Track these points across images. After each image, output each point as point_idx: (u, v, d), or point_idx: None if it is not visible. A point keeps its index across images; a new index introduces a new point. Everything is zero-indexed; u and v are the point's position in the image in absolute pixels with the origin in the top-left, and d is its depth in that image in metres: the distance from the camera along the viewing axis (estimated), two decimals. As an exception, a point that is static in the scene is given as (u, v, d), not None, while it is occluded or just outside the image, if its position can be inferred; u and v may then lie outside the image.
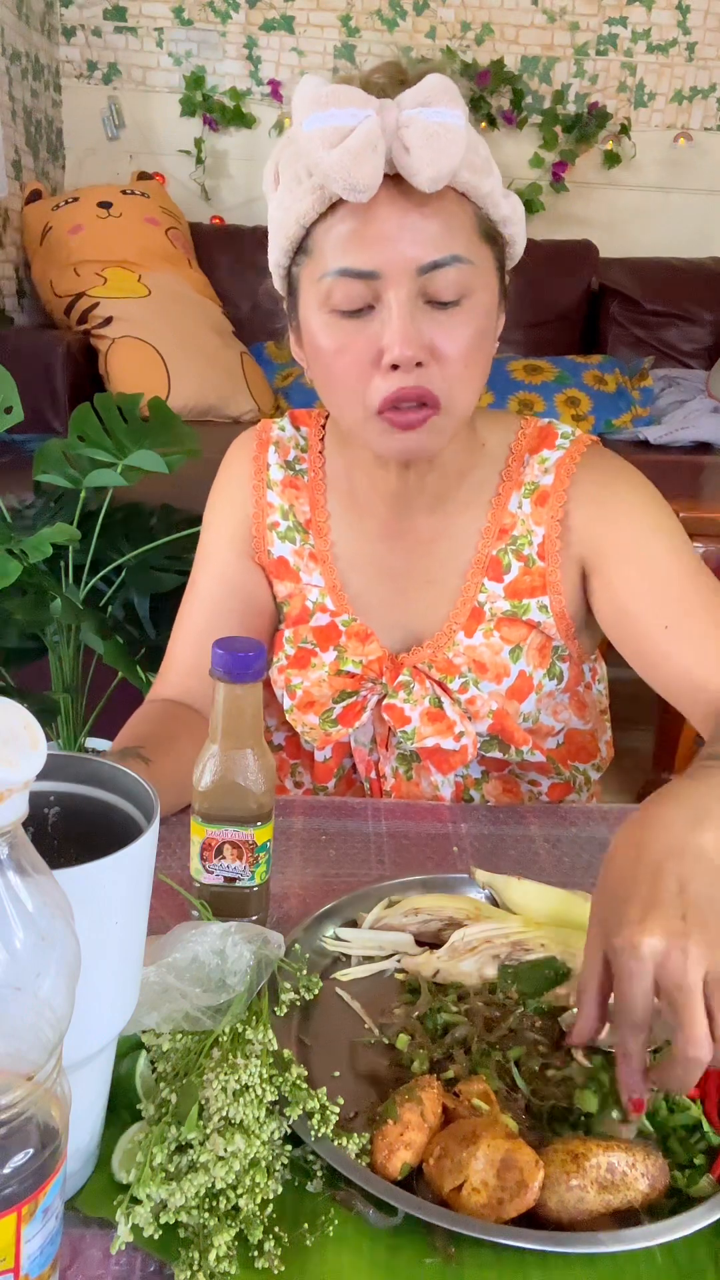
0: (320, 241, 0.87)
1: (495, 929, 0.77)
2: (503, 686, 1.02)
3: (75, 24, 3.58)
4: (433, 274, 0.84)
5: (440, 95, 0.81)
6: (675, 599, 0.96)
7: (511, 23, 3.65)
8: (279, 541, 1.07)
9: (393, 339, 0.84)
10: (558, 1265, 0.54)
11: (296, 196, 0.86)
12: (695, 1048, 0.56)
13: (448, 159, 0.80)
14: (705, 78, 3.76)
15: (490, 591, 1.02)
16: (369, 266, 0.84)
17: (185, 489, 1.96)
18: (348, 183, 0.80)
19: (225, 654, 0.73)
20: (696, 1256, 0.56)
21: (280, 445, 1.09)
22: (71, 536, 1.59)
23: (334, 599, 1.05)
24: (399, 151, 0.80)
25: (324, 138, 0.80)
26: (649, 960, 0.58)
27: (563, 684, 1.05)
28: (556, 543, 1.00)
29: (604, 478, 1.01)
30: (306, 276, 0.89)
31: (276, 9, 3.61)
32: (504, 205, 0.89)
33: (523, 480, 1.02)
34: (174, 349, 2.91)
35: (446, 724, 1.01)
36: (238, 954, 0.68)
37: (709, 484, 2.80)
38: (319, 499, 1.07)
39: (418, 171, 0.80)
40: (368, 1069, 0.67)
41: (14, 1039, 0.40)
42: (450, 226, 0.85)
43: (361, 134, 0.79)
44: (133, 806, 0.59)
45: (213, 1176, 0.55)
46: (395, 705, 1.02)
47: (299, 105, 0.82)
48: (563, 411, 3.14)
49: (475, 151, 0.85)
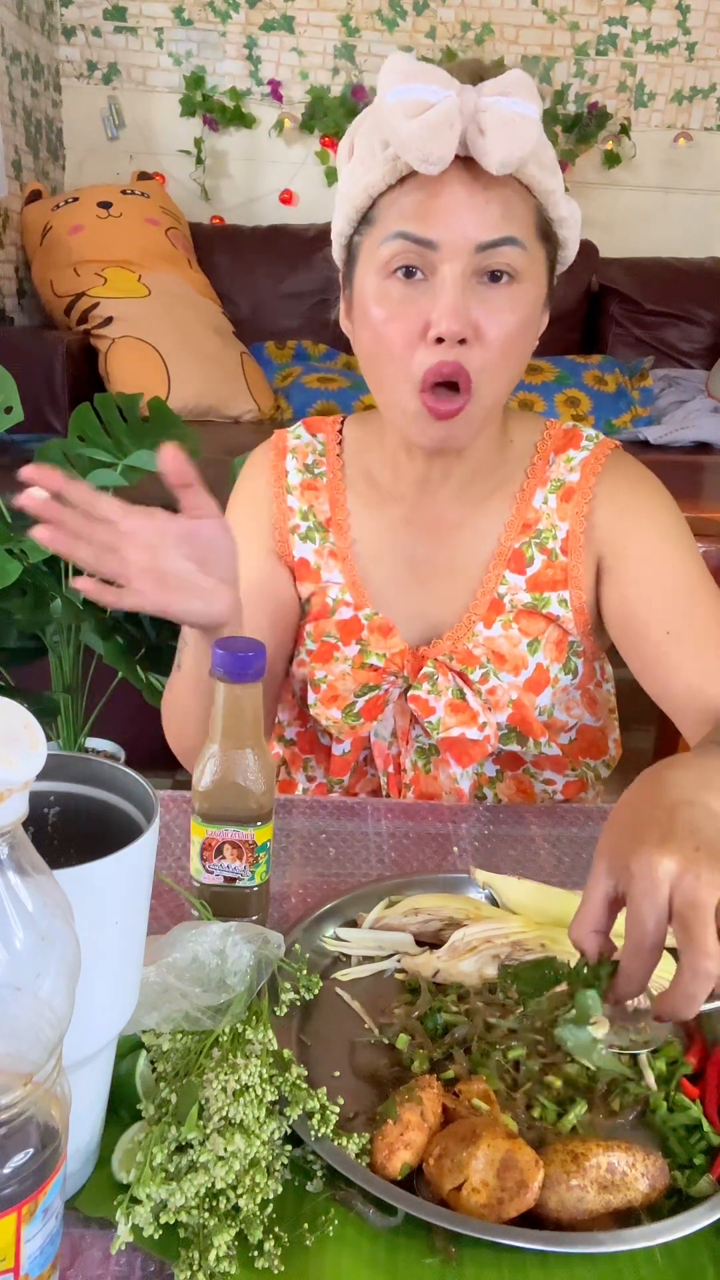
0: (385, 211, 0.89)
1: (495, 929, 0.77)
2: (520, 678, 1.03)
3: (75, 24, 3.58)
4: (489, 252, 0.87)
5: (519, 88, 0.84)
6: (681, 607, 0.97)
7: (511, 23, 3.65)
8: (300, 543, 1.08)
9: (441, 312, 0.87)
10: (558, 1265, 0.54)
11: (369, 167, 0.89)
12: (706, 959, 0.57)
13: (520, 145, 0.83)
14: (705, 78, 3.76)
15: (511, 583, 1.03)
16: (429, 235, 0.87)
17: (185, 489, 1.96)
18: (422, 152, 0.83)
19: (225, 654, 0.73)
20: (696, 1256, 0.56)
21: (297, 451, 1.11)
22: (71, 536, 1.59)
23: (354, 594, 1.07)
24: (474, 134, 0.83)
25: (405, 109, 0.83)
26: (665, 880, 0.60)
27: (576, 680, 1.07)
28: (580, 538, 1.02)
29: (629, 481, 1.04)
30: (367, 245, 0.92)
31: (276, 9, 3.61)
32: (563, 206, 0.92)
33: (548, 477, 1.04)
34: (174, 349, 2.91)
35: (470, 714, 1.02)
36: (238, 954, 0.68)
37: (709, 484, 2.80)
38: (338, 498, 1.09)
39: (489, 152, 0.83)
40: (368, 1069, 0.67)
41: (14, 1039, 0.40)
42: (511, 212, 0.88)
43: (441, 110, 0.82)
44: (133, 806, 0.59)
45: (213, 1176, 0.55)
46: (420, 696, 1.03)
47: (385, 77, 0.85)
48: (563, 412, 3.14)
49: (545, 149, 0.89)
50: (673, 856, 0.60)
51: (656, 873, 0.60)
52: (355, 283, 0.95)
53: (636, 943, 0.60)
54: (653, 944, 0.60)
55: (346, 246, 0.96)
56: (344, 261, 0.98)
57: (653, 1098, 0.65)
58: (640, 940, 0.60)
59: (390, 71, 0.85)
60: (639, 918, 0.60)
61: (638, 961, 0.61)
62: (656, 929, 0.60)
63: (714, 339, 3.58)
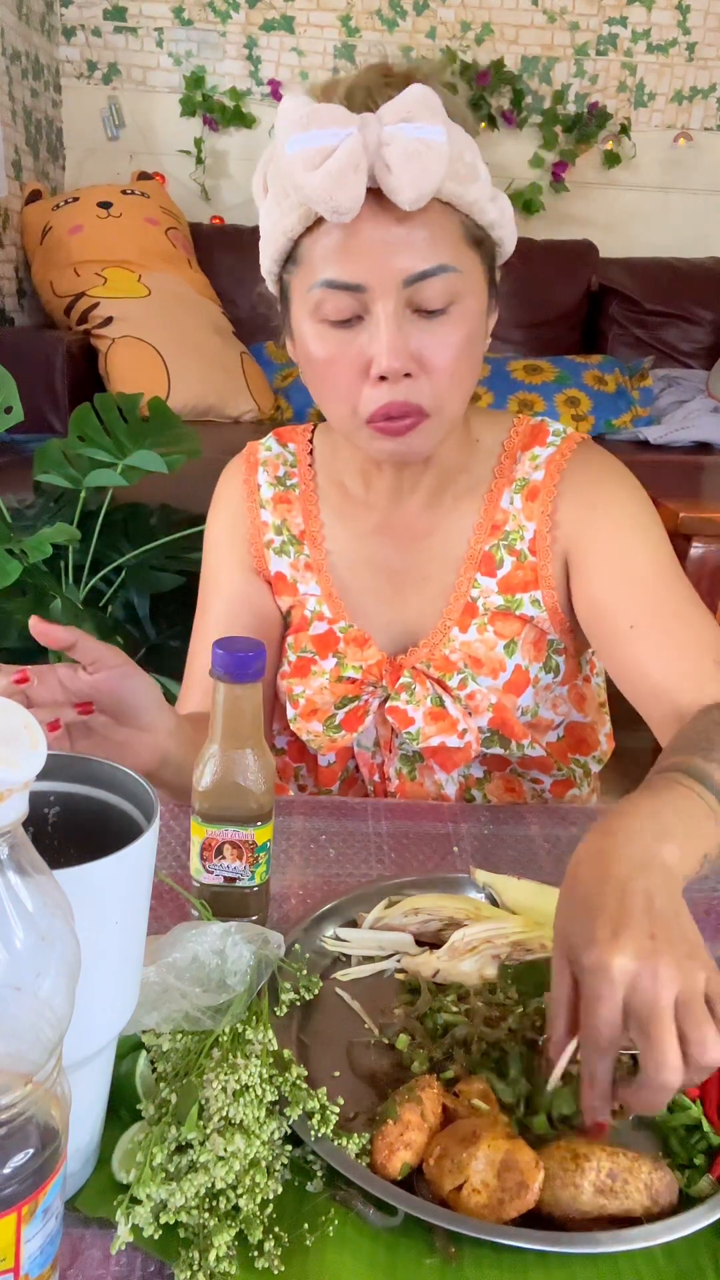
0: (309, 252, 0.87)
1: (495, 929, 0.77)
2: (499, 681, 1.03)
3: (75, 24, 3.58)
4: (419, 285, 0.85)
5: (421, 110, 0.80)
6: (644, 599, 0.96)
7: (511, 23, 3.65)
8: (275, 557, 1.08)
9: (380, 350, 0.85)
10: (558, 1265, 0.54)
11: (283, 210, 0.87)
12: (666, 1073, 0.55)
13: (429, 178, 0.80)
14: (705, 78, 3.76)
15: (483, 586, 1.03)
16: (355, 280, 0.85)
17: (185, 489, 1.97)
18: (330, 205, 0.80)
19: (225, 654, 0.73)
20: (696, 1256, 0.56)
21: (268, 464, 1.10)
22: (71, 536, 1.59)
23: (330, 606, 1.06)
24: (381, 169, 0.80)
25: (306, 160, 0.80)
26: (619, 983, 0.56)
27: (559, 677, 1.06)
28: (547, 537, 1.01)
29: (592, 475, 1.02)
30: (297, 285, 0.90)
31: (276, 9, 3.61)
32: (490, 210, 0.89)
33: (514, 476, 1.03)
34: (174, 349, 2.91)
35: (449, 722, 1.02)
36: (238, 954, 0.68)
37: (709, 484, 2.80)
38: (311, 509, 1.08)
39: (399, 190, 0.80)
40: (368, 1069, 0.67)
41: (14, 1039, 0.40)
42: (435, 237, 0.85)
43: (343, 154, 0.79)
44: (133, 806, 0.59)
45: (213, 1176, 0.55)
46: (398, 707, 1.03)
47: (281, 125, 0.82)
48: (563, 411, 3.14)
49: (459, 160, 0.84)
50: (626, 953, 0.57)
51: (611, 974, 0.57)
52: (293, 320, 0.94)
53: (592, 1043, 0.58)
54: (609, 1043, 0.57)
55: (278, 284, 0.94)
56: (279, 298, 0.96)
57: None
58: (595, 1041, 0.57)
59: (285, 120, 0.81)
60: (593, 1022, 0.57)
61: (598, 1059, 0.58)
62: (611, 1030, 0.57)
63: (714, 339, 3.58)
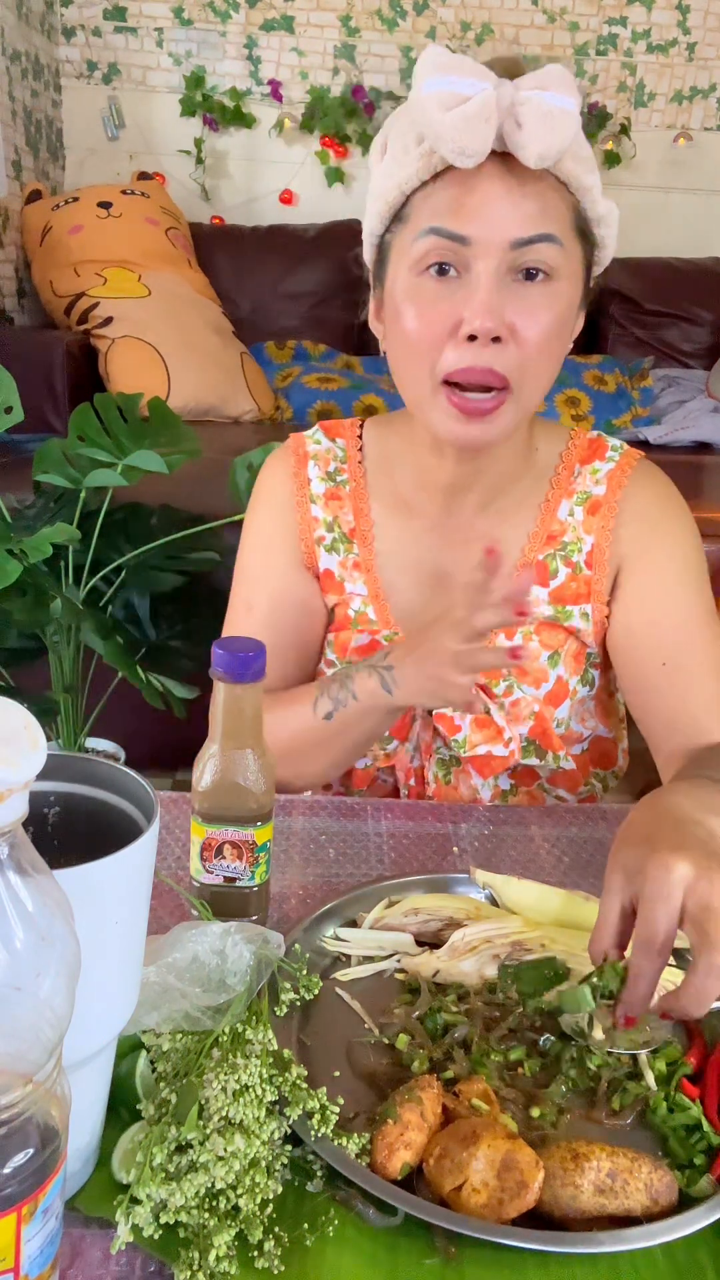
0: (418, 208, 0.87)
1: (495, 929, 0.77)
2: (541, 691, 1.03)
3: (75, 24, 3.58)
4: (524, 249, 0.85)
5: (558, 82, 0.82)
6: (682, 640, 0.97)
7: (511, 23, 3.65)
8: (325, 554, 1.07)
9: (475, 310, 0.85)
10: (558, 1265, 0.54)
11: (402, 164, 0.87)
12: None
13: (558, 139, 0.81)
14: (705, 78, 3.76)
15: (534, 595, 1.02)
16: (463, 231, 0.84)
17: (185, 489, 1.97)
18: (457, 145, 0.81)
19: (225, 654, 0.73)
20: (696, 1256, 0.56)
21: (319, 458, 1.08)
22: (71, 536, 1.59)
23: (376, 608, 1.06)
24: (511, 128, 0.81)
25: (441, 101, 0.81)
26: (679, 883, 0.61)
27: (593, 690, 1.06)
28: (605, 551, 1.01)
29: (657, 497, 1.02)
30: (399, 243, 0.90)
31: (276, 9, 3.61)
32: (601, 204, 0.90)
33: (574, 489, 1.03)
34: (174, 349, 2.91)
35: (495, 730, 1.02)
36: (238, 954, 0.68)
37: (709, 484, 2.80)
38: (362, 507, 1.07)
39: (526, 145, 0.81)
40: (368, 1069, 0.67)
41: (14, 1039, 0.40)
42: (548, 209, 0.85)
43: (478, 103, 0.80)
44: (133, 806, 0.59)
45: (213, 1176, 0.55)
46: (445, 714, 1.03)
47: (421, 69, 0.83)
48: (562, 411, 3.14)
49: (582, 145, 0.87)
50: (688, 861, 0.62)
51: (672, 875, 0.61)
52: (386, 281, 0.93)
53: (646, 941, 0.61)
54: (663, 943, 0.61)
55: (378, 246, 0.94)
56: (374, 261, 0.96)
57: (653, 1098, 0.65)
58: (650, 939, 0.61)
59: (426, 64, 0.83)
60: (651, 917, 0.61)
61: (647, 961, 0.62)
62: (668, 928, 0.61)
63: (714, 339, 3.58)
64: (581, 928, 0.77)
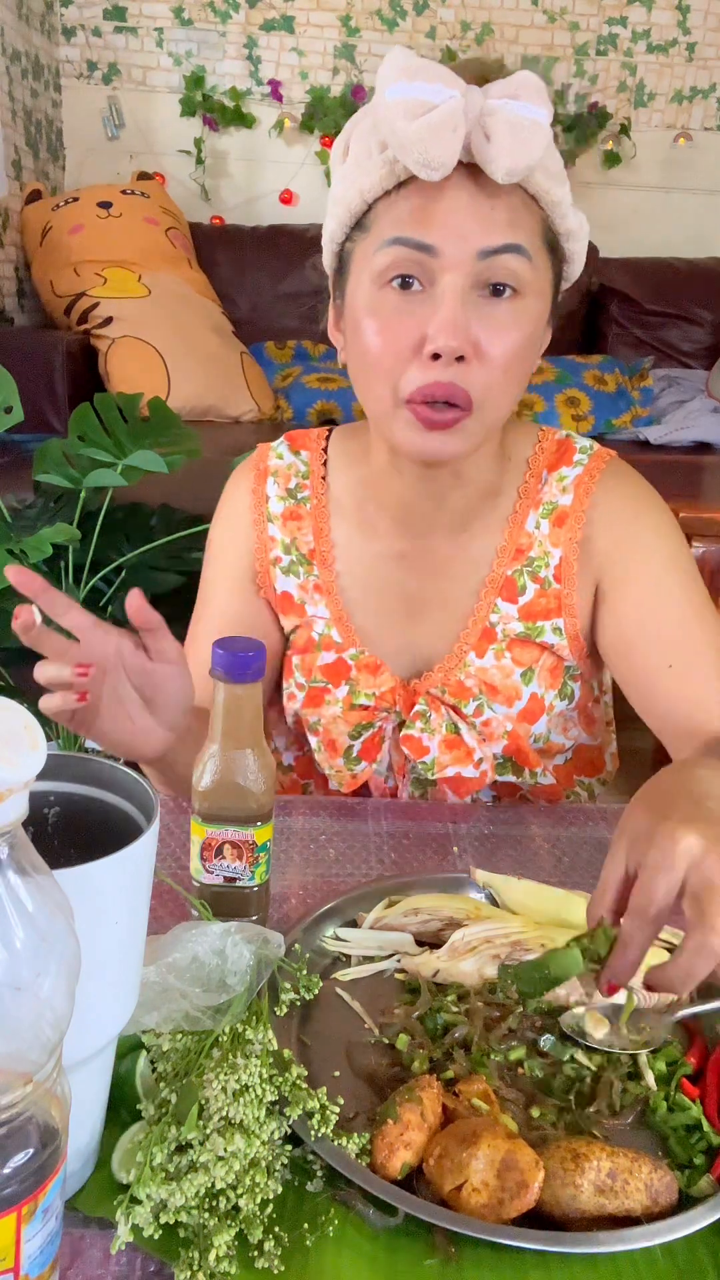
0: (381, 216, 0.84)
1: (495, 929, 0.77)
2: (514, 709, 1.00)
3: (75, 24, 3.58)
4: (492, 261, 0.81)
5: (530, 91, 0.79)
6: (683, 640, 0.94)
7: (511, 23, 3.65)
8: (282, 576, 1.04)
9: (439, 326, 0.81)
10: (558, 1265, 0.54)
11: (365, 169, 0.83)
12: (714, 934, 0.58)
13: (527, 153, 0.78)
14: (705, 78, 3.76)
15: (504, 612, 0.99)
16: (428, 240, 0.81)
17: (185, 489, 1.97)
18: (423, 157, 0.77)
19: (225, 654, 0.73)
20: (696, 1256, 0.56)
21: (279, 474, 1.05)
22: (71, 536, 1.59)
23: (340, 630, 1.02)
24: (479, 139, 0.78)
25: (406, 108, 0.77)
26: (684, 855, 0.60)
27: (573, 703, 1.04)
28: (574, 565, 0.98)
29: (626, 501, 0.98)
30: (360, 252, 0.86)
31: (276, 9, 3.61)
32: (571, 218, 0.87)
33: (541, 499, 0.99)
34: (174, 349, 2.91)
35: (465, 751, 1.00)
36: (238, 954, 0.68)
37: (709, 484, 2.80)
38: (323, 527, 1.03)
39: (494, 159, 0.77)
40: (368, 1069, 0.67)
41: (14, 1039, 0.40)
42: (517, 220, 0.82)
43: (444, 112, 0.77)
44: (133, 806, 0.59)
45: (213, 1176, 0.55)
46: (413, 736, 1.00)
47: (386, 73, 0.79)
48: (562, 411, 3.14)
49: (553, 157, 0.83)
50: (696, 834, 0.61)
51: (678, 846, 0.60)
52: (346, 292, 0.89)
53: (641, 908, 0.61)
54: (657, 912, 0.60)
55: (338, 253, 0.90)
56: (334, 269, 0.92)
57: (653, 1098, 0.65)
58: (645, 906, 0.60)
59: (391, 68, 0.79)
60: (650, 884, 0.60)
61: (639, 928, 0.61)
62: (665, 898, 0.60)
63: (714, 339, 3.58)
64: (582, 928, 0.77)
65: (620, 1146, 0.58)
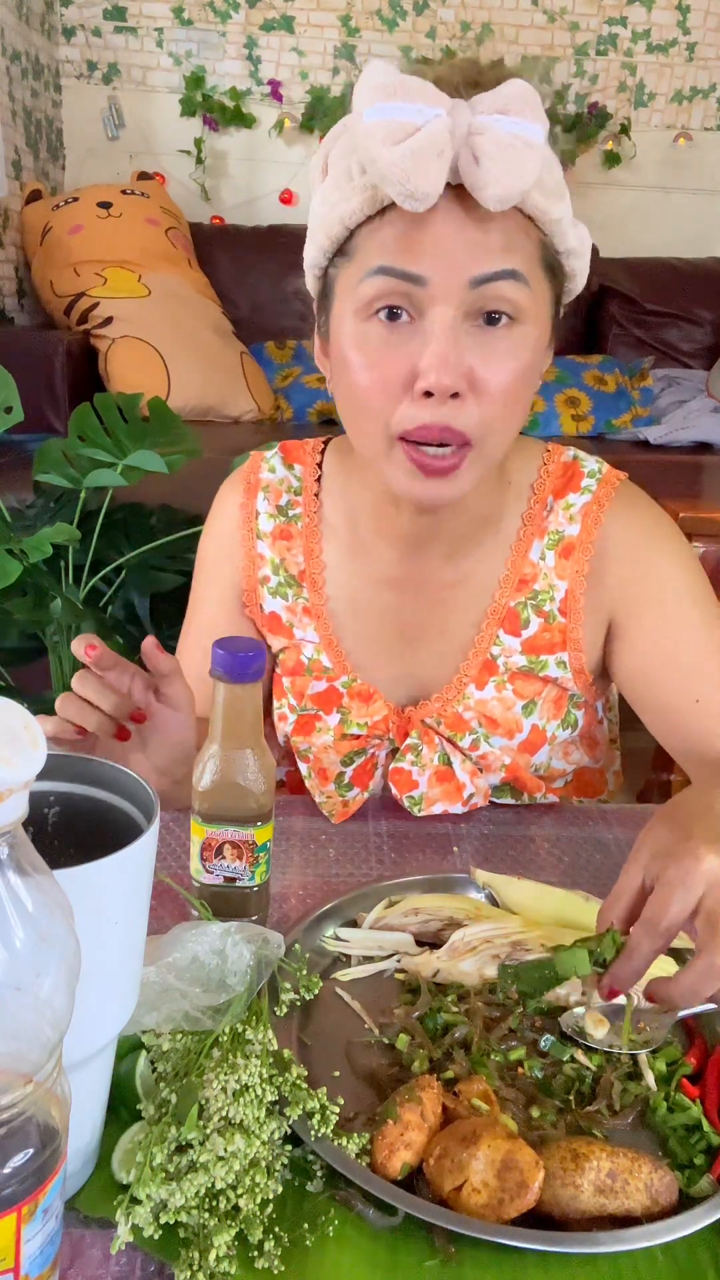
0: (364, 243, 0.78)
1: (495, 929, 0.77)
2: (514, 742, 0.97)
3: (75, 24, 3.58)
4: (485, 288, 0.76)
5: (521, 105, 0.72)
6: (708, 673, 0.91)
7: (511, 23, 3.65)
8: (270, 597, 1.00)
9: (430, 362, 0.75)
10: (558, 1265, 0.54)
11: (345, 194, 0.77)
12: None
13: (520, 177, 0.72)
14: (705, 78, 3.76)
15: (505, 645, 0.96)
16: (416, 270, 0.75)
17: (185, 489, 1.97)
18: (405, 188, 0.71)
19: (225, 654, 0.73)
20: (696, 1256, 0.56)
21: (270, 490, 1.00)
22: (71, 536, 1.59)
23: (330, 656, 0.99)
24: (467, 161, 0.71)
25: (386, 132, 0.70)
26: (704, 876, 0.60)
27: (577, 730, 1.01)
28: (581, 599, 0.94)
29: (638, 531, 0.94)
30: (344, 280, 0.81)
31: (276, 9, 3.61)
32: (571, 236, 0.81)
33: (546, 528, 0.95)
34: (174, 349, 2.91)
35: (455, 785, 0.96)
36: (238, 954, 0.68)
37: (709, 484, 2.80)
38: (314, 547, 0.99)
39: (484, 186, 0.71)
40: (368, 1069, 0.67)
41: (14, 1039, 0.40)
42: (511, 244, 0.76)
43: (428, 135, 0.70)
44: (133, 806, 0.59)
45: (213, 1176, 0.55)
46: (403, 769, 0.97)
47: (363, 91, 0.72)
48: (562, 411, 3.14)
49: (550, 171, 0.77)
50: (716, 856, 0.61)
51: (700, 865, 0.60)
52: (331, 320, 0.83)
53: (652, 920, 0.61)
54: (668, 926, 0.61)
55: (321, 279, 0.85)
56: (318, 293, 0.86)
57: (653, 1098, 0.65)
58: (656, 919, 0.61)
59: (367, 86, 0.71)
60: (665, 898, 0.60)
61: (647, 939, 0.61)
62: (678, 915, 0.60)
63: (714, 339, 3.58)
64: (582, 928, 0.77)
65: (620, 1146, 0.58)
